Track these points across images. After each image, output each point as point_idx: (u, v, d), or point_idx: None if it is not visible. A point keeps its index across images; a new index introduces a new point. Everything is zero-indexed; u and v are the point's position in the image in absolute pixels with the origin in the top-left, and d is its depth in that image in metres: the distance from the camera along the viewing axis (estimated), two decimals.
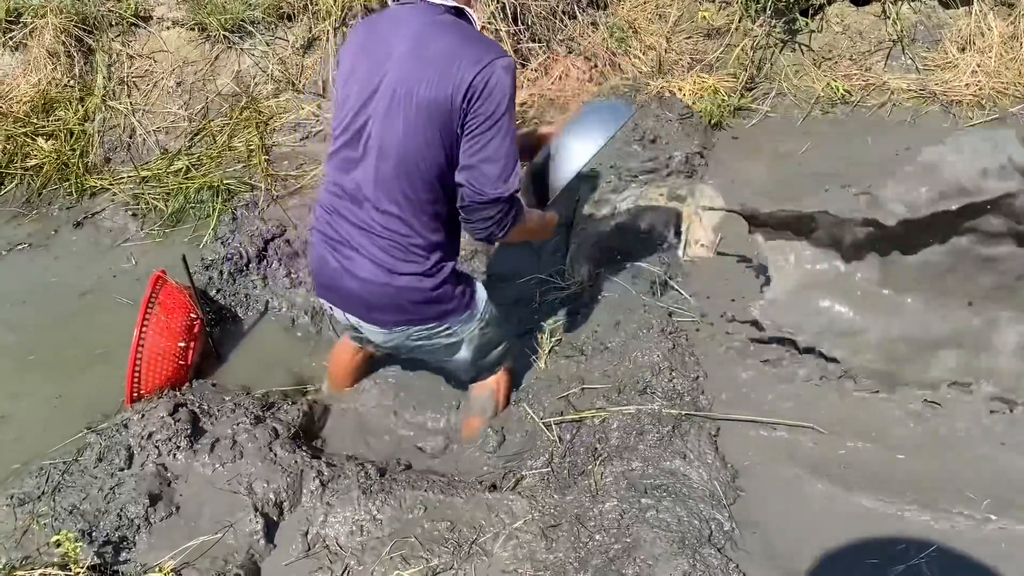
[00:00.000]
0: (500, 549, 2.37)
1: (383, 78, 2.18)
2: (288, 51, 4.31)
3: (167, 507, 2.52)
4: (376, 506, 2.48)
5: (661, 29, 4.32)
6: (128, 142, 4.26)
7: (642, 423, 2.49)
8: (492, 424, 2.80)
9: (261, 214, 3.71)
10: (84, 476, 2.60)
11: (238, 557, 2.40)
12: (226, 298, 3.35)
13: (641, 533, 2.23)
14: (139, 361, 2.84)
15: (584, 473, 2.47)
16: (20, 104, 4.34)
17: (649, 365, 2.67)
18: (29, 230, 3.90)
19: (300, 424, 2.87)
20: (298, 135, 4.17)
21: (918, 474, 2.42)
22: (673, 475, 2.39)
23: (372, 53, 2.23)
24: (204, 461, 2.63)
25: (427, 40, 2.15)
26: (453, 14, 2.21)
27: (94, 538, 2.42)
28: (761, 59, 4.15)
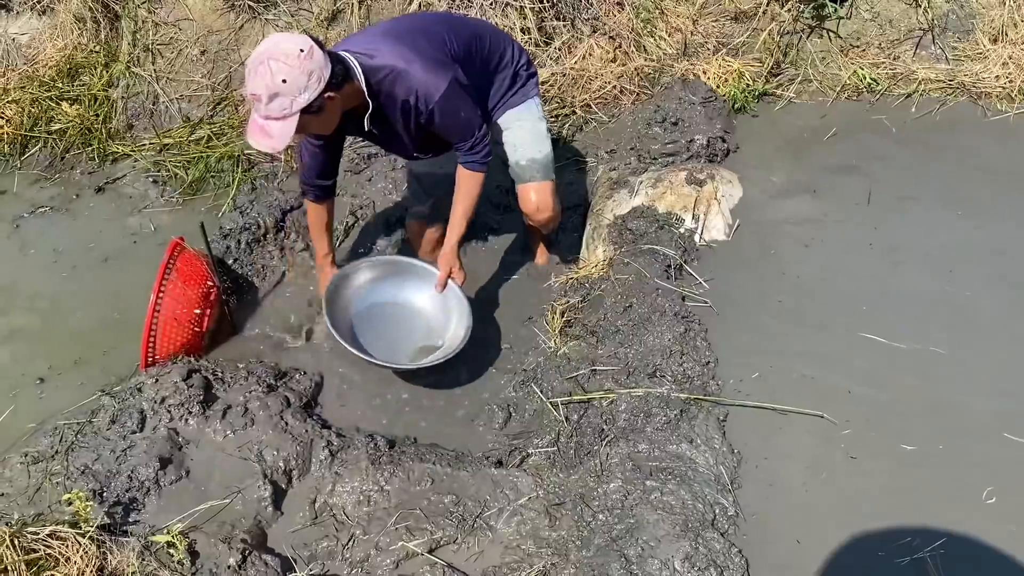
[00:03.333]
0: (504, 525, 2.38)
1: None
2: (312, 22, 4.30)
3: (177, 471, 2.55)
4: (384, 477, 2.50)
5: (688, 11, 4.28)
6: (151, 109, 4.28)
7: (650, 406, 2.49)
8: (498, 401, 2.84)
9: (280, 185, 3.73)
10: (97, 438, 2.64)
11: (245, 523, 2.43)
12: (243, 267, 3.37)
13: (644, 514, 2.23)
14: (154, 326, 2.86)
15: (590, 453, 2.47)
16: (46, 68, 4.38)
17: (660, 348, 2.66)
18: (51, 193, 3.93)
19: (312, 394, 2.90)
20: None
21: (928, 466, 2.40)
22: (679, 458, 2.38)
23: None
24: (215, 427, 2.66)
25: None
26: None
27: (104, 498, 2.45)
28: (788, 44, 4.11)
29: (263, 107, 2.36)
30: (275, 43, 2.37)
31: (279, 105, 2.36)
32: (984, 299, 2.87)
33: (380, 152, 3.84)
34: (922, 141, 3.61)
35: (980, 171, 3.42)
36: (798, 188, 3.36)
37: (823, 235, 3.13)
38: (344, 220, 3.57)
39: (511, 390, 2.88)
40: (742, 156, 3.60)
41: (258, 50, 2.37)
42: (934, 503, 2.31)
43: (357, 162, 3.82)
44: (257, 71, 2.34)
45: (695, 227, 3.16)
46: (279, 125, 2.39)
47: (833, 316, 2.83)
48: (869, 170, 3.44)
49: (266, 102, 2.34)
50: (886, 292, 2.91)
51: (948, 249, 3.07)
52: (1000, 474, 2.36)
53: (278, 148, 2.43)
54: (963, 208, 3.24)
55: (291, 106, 2.36)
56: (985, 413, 2.52)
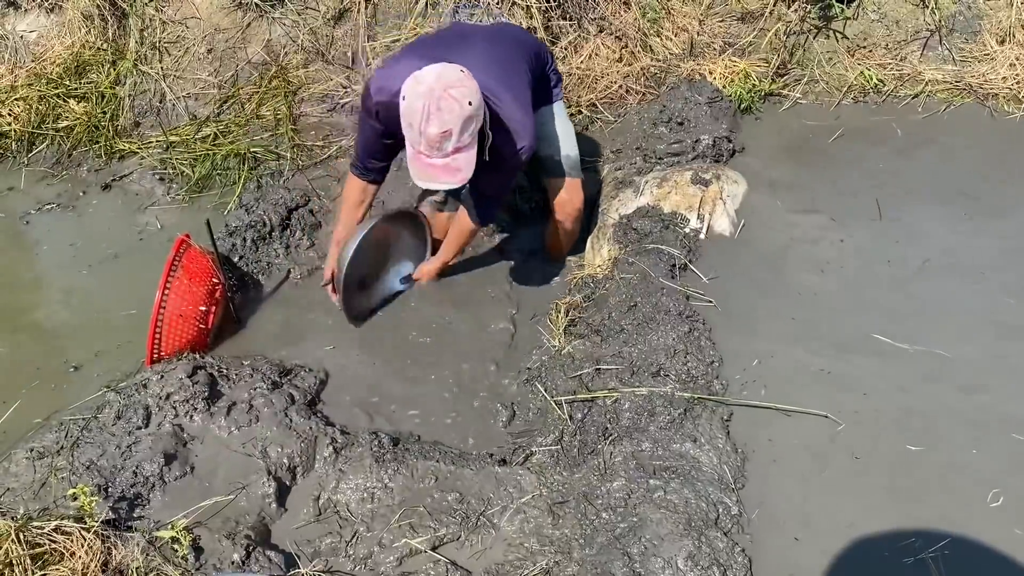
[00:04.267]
0: (507, 523, 2.38)
1: None
2: (319, 21, 4.31)
3: (182, 467, 2.56)
4: (388, 474, 2.50)
5: (694, 11, 4.28)
6: (158, 107, 4.29)
7: (654, 404, 2.49)
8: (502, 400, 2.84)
9: (286, 183, 3.74)
10: (102, 433, 2.65)
11: (249, 519, 2.44)
12: (248, 265, 3.38)
13: (648, 513, 2.23)
14: (160, 323, 2.87)
15: (593, 452, 2.47)
16: (54, 66, 4.40)
17: (664, 348, 2.65)
18: (58, 190, 3.95)
19: (316, 391, 2.90)
20: (325, 106, 4.18)
21: (932, 467, 2.39)
22: (682, 457, 2.38)
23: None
24: (220, 424, 2.67)
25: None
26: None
27: (109, 493, 2.46)
28: (794, 45, 4.10)
29: (453, 141, 2.32)
30: (437, 75, 2.32)
31: (471, 130, 2.34)
32: (990, 301, 2.86)
33: None
34: (929, 142, 3.60)
35: (987, 172, 3.41)
36: (804, 188, 3.36)
37: (829, 236, 3.13)
38: None
39: (515, 388, 2.88)
40: (748, 156, 3.60)
41: (421, 90, 2.30)
42: (938, 504, 2.30)
43: None
44: (441, 106, 2.28)
45: (700, 227, 3.16)
46: (466, 155, 2.38)
47: (838, 316, 2.83)
48: (875, 170, 3.44)
49: (459, 133, 2.32)
50: (893, 292, 2.90)
51: (953, 250, 3.06)
52: (1007, 476, 2.35)
53: (468, 178, 2.43)
54: (969, 209, 3.23)
55: (476, 126, 2.35)
56: (992, 414, 2.51)
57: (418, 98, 2.30)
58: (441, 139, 2.32)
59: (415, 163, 2.42)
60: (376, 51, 4.25)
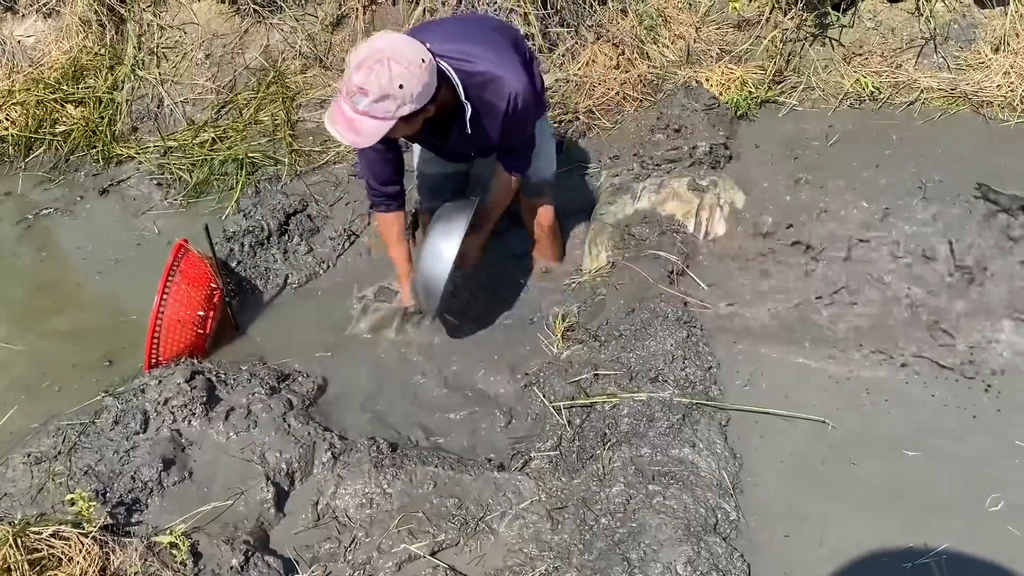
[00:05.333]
0: (506, 528, 2.39)
1: None
2: (317, 27, 4.31)
3: (180, 472, 2.56)
4: (387, 480, 2.51)
5: (691, 18, 4.29)
6: (155, 112, 4.29)
7: (652, 410, 2.50)
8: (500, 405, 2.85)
9: (284, 188, 3.74)
10: (100, 438, 2.64)
11: (248, 524, 2.44)
12: (246, 270, 3.38)
13: (647, 519, 2.24)
14: (158, 328, 2.87)
15: (592, 458, 2.48)
16: (51, 71, 4.39)
17: (662, 353, 2.67)
18: (56, 195, 3.94)
19: (314, 396, 2.90)
20: (323, 112, 4.17)
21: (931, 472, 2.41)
22: (681, 463, 2.39)
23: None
24: (218, 429, 2.67)
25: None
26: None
27: (107, 499, 2.46)
28: (790, 52, 4.11)
29: (365, 103, 2.27)
30: (395, 44, 2.28)
31: (385, 107, 2.28)
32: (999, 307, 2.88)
33: None
34: (924, 149, 3.62)
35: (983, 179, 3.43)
36: (800, 195, 3.37)
37: (826, 240, 3.14)
38: (348, 224, 3.57)
39: (513, 393, 2.88)
40: (744, 163, 3.61)
41: (374, 45, 2.27)
42: (938, 509, 2.32)
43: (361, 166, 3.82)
44: (373, 68, 2.24)
45: (697, 233, 3.17)
46: (373, 124, 2.32)
47: (835, 323, 2.84)
48: (872, 177, 3.45)
49: (372, 100, 2.26)
50: (888, 300, 2.92)
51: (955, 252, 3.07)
52: (1006, 480, 2.36)
53: (361, 146, 2.40)
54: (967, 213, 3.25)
55: (395, 111, 2.30)
56: (993, 419, 2.52)
57: (367, 47, 2.28)
58: (356, 92, 2.27)
59: (335, 102, 2.38)
60: None
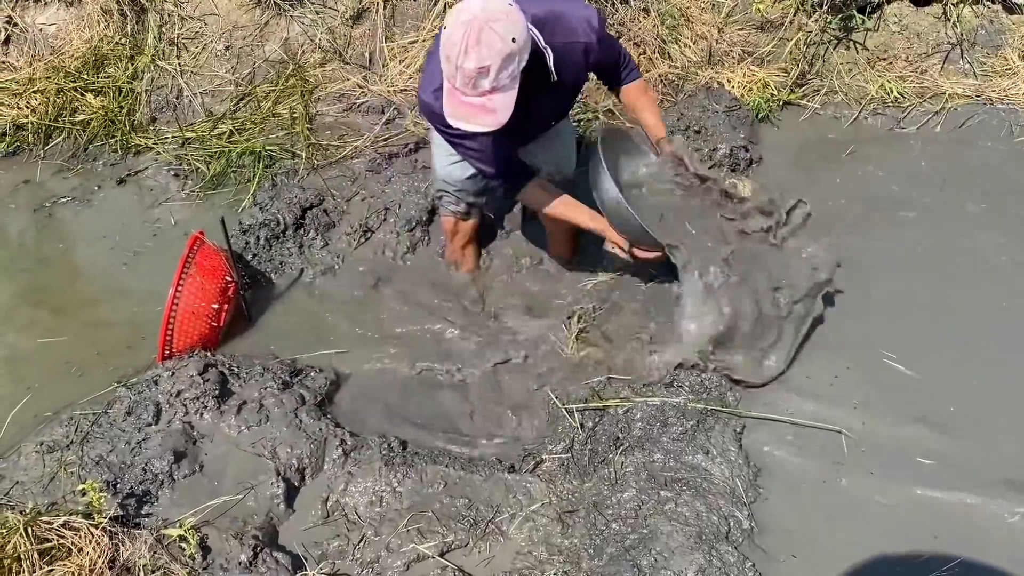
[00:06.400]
0: (516, 530, 2.37)
1: None
2: (337, 21, 4.30)
3: (191, 465, 2.56)
4: (397, 478, 2.49)
5: (713, 19, 4.25)
6: (174, 102, 4.28)
7: (666, 415, 2.47)
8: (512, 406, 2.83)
9: (300, 182, 3.73)
10: (112, 429, 2.64)
11: (257, 519, 2.44)
12: (261, 263, 3.37)
13: (659, 525, 2.22)
14: (172, 319, 2.87)
15: (604, 461, 2.45)
16: (72, 59, 4.39)
17: None
18: (73, 184, 3.95)
19: (326, 392, 2.89)
20: (341, 106, 4.17)
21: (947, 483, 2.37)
22: (694, 469, 2.37)
23: None
24: (230, 423, 2.66)
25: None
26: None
27: (118, 490, 2.46)
28: (814, 55, 4.07)
29: (488, 80, 2.11)
30: (482, 6, 2.10)
31: (509, 72, 2.13)
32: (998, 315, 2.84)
33: (400, 152, 3.84)
34: (948, 156, 3.58)
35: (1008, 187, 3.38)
36: (822, 200, 3.33)
37: (848, 248, 3.10)
38: (364, 220, 3.56)
39: (525, 394, 2.86)
40: (766, 166, 3.58)
41: (461, 19, 2.10)
42: (954, 520, 2.29)
43: (379, 162, 3.81)
44: (481, 40, 2.06)
45: None
46: (503, 96, 2.16)
47: (854, 331, 2.81)
48: (894, 182, 3.41)
49: (497, 71, 2.10)
50: (911, 309, 2.88)
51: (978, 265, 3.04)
52: None
53: (501, 124, 2.19)
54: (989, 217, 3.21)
55: (518, 67, 2.14)
56: (1011, 430, 2.49)
57: (459, 27, 2.09)
58: (477, 75, 2.11)
59: (450, 99, 2.21)
60: (394, 52, 4.24)
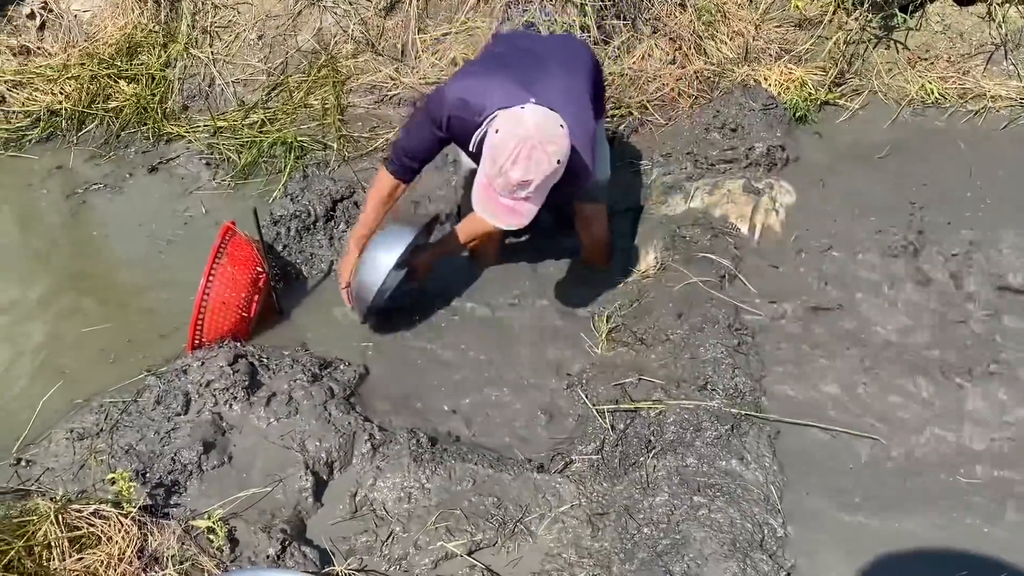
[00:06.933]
0: (545, 531, 2.35)
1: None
2: (370, 12, 4.28)
3: (220, 456, 2.55)
4: (426, 475, 2.48)
5: (751, 15, 4.19)
6: (207, 91, 4.29)
7: (700, 419, 2.44)
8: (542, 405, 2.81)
9: (331, 174, 3.72)
10: (142, 417, 2.65)
11: (285, 512, 2.43)
12: (292, 254, 3.36)
13: (691, 531, 2.19)
14: (203, 309, 2.86)
15: (636, 464, 2.42)
16: (106, 46, 4.41)
17: (712, 361, 2.60)
18: (105, 171, 3.95)
19: (355, 386, 2.88)
20: (373, 98, 4.15)
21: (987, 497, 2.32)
22: (728, 475, 2.33)
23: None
24: (259, 414, 2.66)
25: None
26: None
27: (147, 479, 2.46)
28: (852, 54, 4.00)
29: (529, 191, 2.30)
30: (538, 125, 2.28)
31: (546, 187, 2.32)
32: None
33: None
34: (991, 159, 3.50)
35: None
36: (859, 202, 3.27)
37: (885, 253, 3.04)
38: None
39: (554, 393, 2.83)
40: (802, 167, 3.51)
41: (518, 133, 2.26)
42: (993, 535, 2.23)
43: None
44: (531, 157, 2.25)
45: (751, 238, 3.09)
46: (532, 206, 2.36)
47: (891, 338, 2.75)
48: (934, 185, 3.34)
49: (537, 186, 2.29)
50: (949, 318, 2.82)
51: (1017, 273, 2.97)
52: None
53: (521, 226, 2.41)
54: None
55: (552, 183, 2.33)
56: None
57: (514, 139, 2.26)
58: (519, 186, 2.29)
59: (482, 192, 2.38)
60: (426, 44, 4.22)
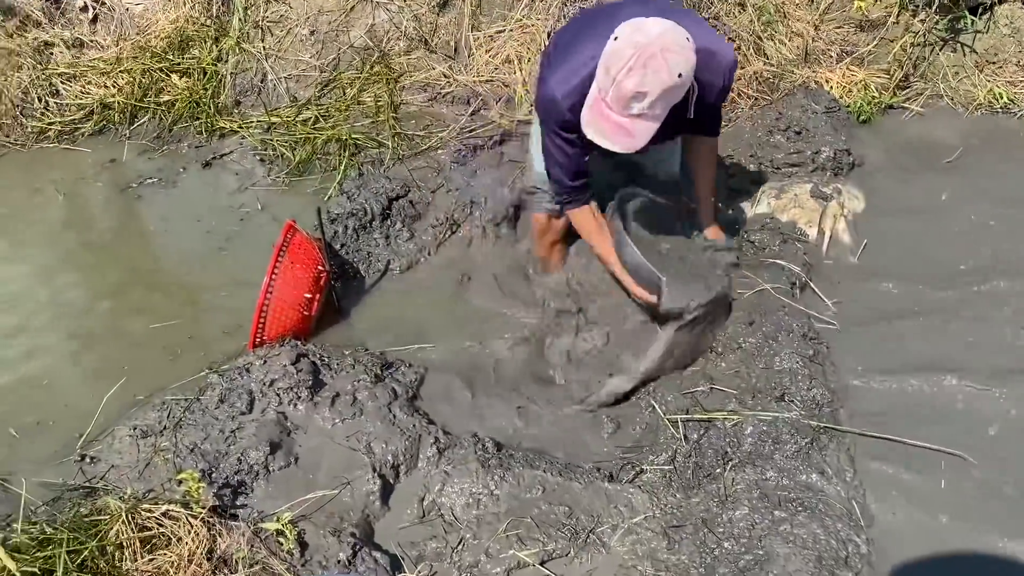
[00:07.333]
0: (618, 543, 2.30)
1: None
2: (424, 8, 4.24)
3: (286, 457, 2.53)
4: (494, 481, 2.43)
5: (810, 16, 4.11)
6: (259, 86, 4.27)
7: (779, 431, 2.37)
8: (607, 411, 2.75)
9: (386, 172, 3.68)
10: (205, 416, 2.62)
11: (353, 516, 2.40)
12: (349, 253, 3.33)
13: (775, 547, 2.13)
14: (266, 307, 2.84)
15: (711, 476, 2.37)
16: (158, 40, 4.40)
17: (788, 371, 2.53)
18: (159, 165, 3.95)
19: (416, 387, 2.84)
20: (426, 95, 4.11)
21: None
22: (809, 489, 2.27)
23: None
24: (324, 415, 2.63)
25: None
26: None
27: (213, 479, 2.44)
28: (917, 57, 3.91)
29: (641, 106, 2.10)
30: (661, 33, 2.08)
31: (666, 103, 2.13)
32: None
33: (485, 144, 3.78)
34: None
35: None
36: (930, 208, 3.20)
37: (958, 259, 2.97)
38: (449, 215, 3.50)
39: None
40: (868, 171, 3.44)
41: (636, 39, 2.07)
42: None
43: (464, 153, 3.75)
44: (648, 65, 2.05)
45: (820, 244, 3.02)
46: (647, 125, 2.15)
47: (970, 348, 2.68)
48: (1002, 192, 3.26)
49: (652, 101, 2.09)
50: None
51: None
52: None
53: (635, 149, 2.20)
54: None
55: (672, 102, 2.14)
56: None
57: (631, 46, 2.06)
58: (632, 98, 2.09)
59: (592, 109, 2.19)
60: (480, 42, 4.17)
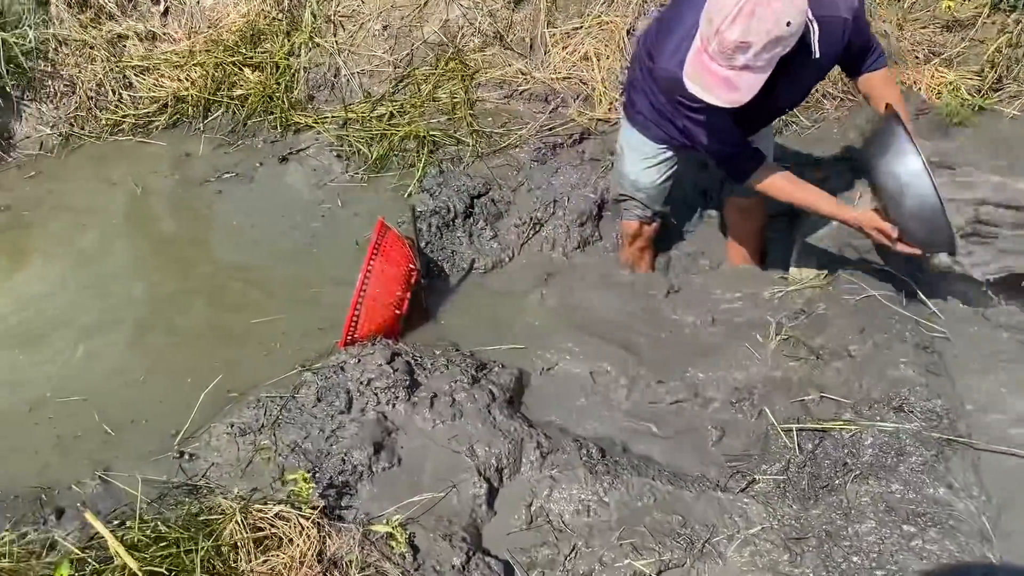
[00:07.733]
0: (735, 553, 2.24)
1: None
2: (498, 4, 4.19)
3: (389, 458, 2.49)
4: (603, 488, 2.39)
5: (893, 14, 4.02)
6: (332, 81, 4.24)
7: (902, 443, 2.31)
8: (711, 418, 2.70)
9: (467, 169, 3.64)
10: (303, 414, 2.59)
11: (461, 519, 2.36)
12: (433, 251, 3.30)
13: (908, 562, 2.07)
14: (360, 305, 2.81)
15: (830, 488, 2.30)
16: (229, 33, 4.38)
17: (905, 380, 2.46)
18: (235, 159, 3.93)
19: (513, 389, 2.80)
20: (502, 92, 4.07)
21: None
22: (936, 503, 2.20)
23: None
24: (424, 415, 2.59)
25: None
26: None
27: (317, 480, 2.40)
28: (1010, 57, 3.81)
29: (746, 57, 2.00)
30: None
31: (773, 54, 2.01)
32: None
33: (565, 143, 3.74)
34: None
35: None
36: None
37: None
38: (532, 214, 3.46)
39: (723, 407, 2.72)
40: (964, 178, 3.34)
41: None
42: None
43: (543, 152, 3.70)
44: (754, 13, 1.94)
45: None
46: (753, 77, 2.05)
47: None
48: None
49: (757, 51, 1.99)
50: None
51: None
52: None
53: (741, 103, 2.09)
54: None
55: (780, 53, 2.02)
56: None
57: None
58: (736, 49, 1.99)
59: (695, 59, 2.10)
60: (556, 38, 4.12)
